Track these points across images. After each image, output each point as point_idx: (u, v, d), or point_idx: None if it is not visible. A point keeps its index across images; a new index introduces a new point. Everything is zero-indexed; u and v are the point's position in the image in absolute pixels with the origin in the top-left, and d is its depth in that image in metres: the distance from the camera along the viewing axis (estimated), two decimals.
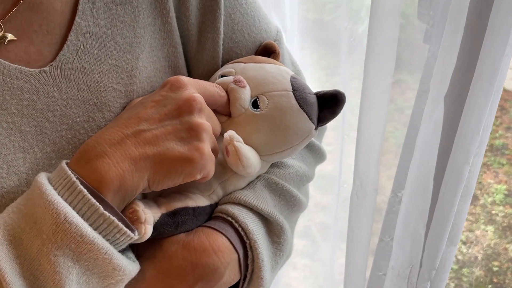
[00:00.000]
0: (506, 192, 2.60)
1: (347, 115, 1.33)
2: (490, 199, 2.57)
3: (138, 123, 0.54)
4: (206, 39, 0.70)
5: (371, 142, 1.13)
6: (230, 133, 0.61)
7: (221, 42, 0.71)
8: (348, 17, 1.31)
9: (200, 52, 0.70)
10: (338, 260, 1.64)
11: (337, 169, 1.35)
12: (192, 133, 0.54)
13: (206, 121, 0.56)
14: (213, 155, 0.57)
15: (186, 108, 0.55)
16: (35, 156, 0.56)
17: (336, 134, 1.32)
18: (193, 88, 0.57)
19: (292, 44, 1.30)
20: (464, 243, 2.21)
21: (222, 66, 0.72)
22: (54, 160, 0.58)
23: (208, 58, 0.71)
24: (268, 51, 0.75)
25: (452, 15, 0.90)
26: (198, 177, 0.56)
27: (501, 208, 2.53)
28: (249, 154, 0.62)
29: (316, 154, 0.84)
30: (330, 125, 0.79)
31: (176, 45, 0.67)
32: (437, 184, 1.08)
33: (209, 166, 0.56)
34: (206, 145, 0.55)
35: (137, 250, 0.57)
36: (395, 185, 1.17)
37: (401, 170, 1.18)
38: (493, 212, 2.49)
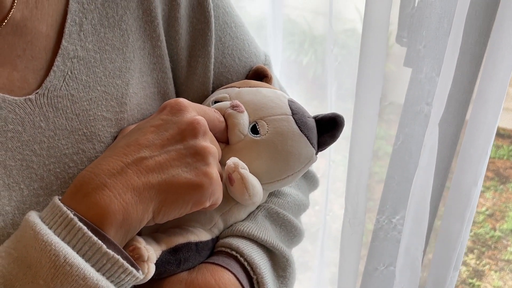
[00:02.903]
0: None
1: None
2: None
3: (138, 151, 0.49)
4: (197, 63, 0.66)
5: (361, 168, 1.11)
6: (234, 160, 0.57)
7: (212, 66, 0.67)
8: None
9: (190, 78, 0.67)
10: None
11: (324, 197, 1.32)
12: (198, 157, 0.50)
13: (211, 144, 0.53)
14: (220, 181, 0.53)
15: (189, 131, 0.51)
16: (21, 194, 0.51)
17: (324, 160, 1.30)
18: (194, 110, 0.54)
19: None
20: None
21: (212, 92, 0.69)
22: (42, 197, 0.52)
23: (199, 84, 0.67)
24: (260, 75, 0.72)
25: (443, 37, 0.89)
26: (207, 204, 0.51)
27: None
28: (255, 182, 0.58)
29: (310, 181, 0.81)
30: None
31: (166, 70, 0.64)
32: (432, 209, 1.05)
33: (218, 191, 0.52)
34: (214, 170, 0.51)
35: None
36: (390, 210, 1.14)
37: (388, 195, 1.16)
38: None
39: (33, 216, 0.45)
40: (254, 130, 0.61)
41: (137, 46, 0.60)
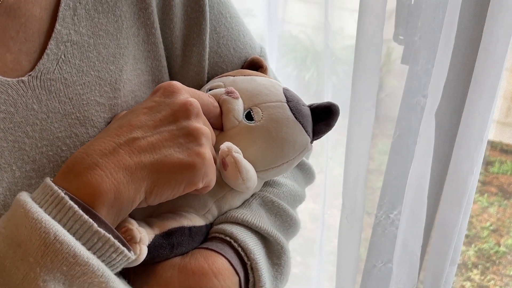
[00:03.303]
0: None
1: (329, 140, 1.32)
2: None
3: (131, 131, 0.49)
4: (191, 53, 0.66)
5: (358, 163, 1.11)
6: (227, 145, 0.56)
7: (207, 56, 0.67)
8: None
9: (185, 67, 0.67)
10: None
11: (321, 196, 1.32)
12: (190, 138, 0.50)
13: (204, 125, 0.52)
14: (213, 162, 0.53)
15: (182, 113, 0.51)
16: (13, 175, 0.51)
17: (321, 158, 1.30)
18: (187, 93, 0.54)
19: None
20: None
21: (207, 82, 0.69)
22: (34, 180, 0.52)
23: (193, 73, 0.67)
24: (255, 66, 0.72)
25: (437, 31, 0.89)
26: (200, 185, 0.51)
27: None
28: (249, 167, 0.58)
29: (306, 174, 0.81)
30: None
31: (160, 58, 0.64)
32: (432, 202, 1.05)
33: (212, 172, 0.52)
34: (207, 150, 0.51)
35: (126, 277, 0.52)
36: (387, 205, 1.13)
37: (387, 190, 1.15)
38: None
39: (24, 196, 0.45)
40: (249, 116, 0.61)
41: (131, 33, 0.60)
